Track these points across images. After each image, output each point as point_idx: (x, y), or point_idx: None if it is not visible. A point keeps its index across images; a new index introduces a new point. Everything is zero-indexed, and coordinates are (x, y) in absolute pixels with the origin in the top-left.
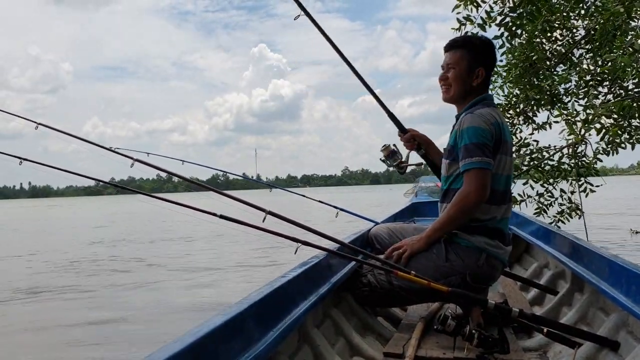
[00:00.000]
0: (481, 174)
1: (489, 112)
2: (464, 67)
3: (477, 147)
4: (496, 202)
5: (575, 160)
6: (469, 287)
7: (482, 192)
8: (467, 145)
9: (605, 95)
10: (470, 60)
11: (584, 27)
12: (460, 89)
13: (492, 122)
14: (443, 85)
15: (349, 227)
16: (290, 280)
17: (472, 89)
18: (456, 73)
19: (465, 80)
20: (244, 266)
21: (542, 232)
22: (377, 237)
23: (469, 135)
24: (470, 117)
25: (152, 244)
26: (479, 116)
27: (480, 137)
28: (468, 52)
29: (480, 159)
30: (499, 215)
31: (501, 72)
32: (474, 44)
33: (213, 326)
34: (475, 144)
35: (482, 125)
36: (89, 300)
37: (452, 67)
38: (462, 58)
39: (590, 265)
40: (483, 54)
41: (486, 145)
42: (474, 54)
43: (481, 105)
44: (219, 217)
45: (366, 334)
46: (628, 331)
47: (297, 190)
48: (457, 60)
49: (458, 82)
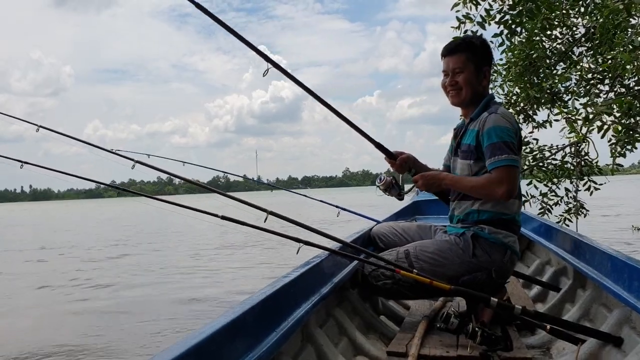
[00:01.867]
0: (512, 172)
1: (508, 114)
2: (472, 69)
3: (506, 145)
4: (518, 197)
5: (578, 159)
6: (494, 283)
7: (512, 189)
8: (496, 143)
9: (607, 94)
10: (476, 61)
11: (584, 25)
12: (471, 91)
13: (513, 121)
14: (452, 90)
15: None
16: (292, 280)
17: (482, 90)
18: (466, 76)
19: (475, 82)
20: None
21: (544, 229)
22: (379, 235)
23: (496, 134)
24: (494, 117)
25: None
26: (502, 116)
27: (507, 135)
28: (473, 54)
29: (510, 156)
30: (519, 210)
31: (501, 71)
32: (476, 45)
33: (217, 327)
34: (504, 142)
35: (507, 124)
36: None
37: (459, 70)
38: (468, 60)
39: (592, 262)
40: (485, 54)
41: (513, 144)
42: (479, 55)
43: (494, 105)
44: (221, 218)
45: (369, 333)
46: (631, 327)
47: (298, 190)
48: (464, 64)
49: (469, 85)
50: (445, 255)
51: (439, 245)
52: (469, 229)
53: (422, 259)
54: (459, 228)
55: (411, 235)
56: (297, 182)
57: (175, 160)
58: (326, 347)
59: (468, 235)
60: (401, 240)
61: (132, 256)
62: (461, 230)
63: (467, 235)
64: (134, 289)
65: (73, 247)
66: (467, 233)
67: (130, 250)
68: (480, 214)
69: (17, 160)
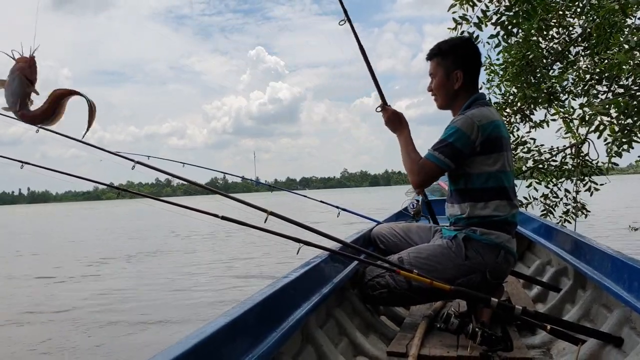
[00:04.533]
0: (429, 166)
1: (482, 113)
2: (441, 74)
3: (443, 143)
4: (509, 198)
5: (579, 160)
6: (489, 284)
7: (421, 181)
8: (444, 139)
9: (605, 94)
10: (444, 66)
11: (580, 25)
12: (444, 95)
13: (480, 123)
14: (432, 96)
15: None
16: (292, 280)
17: (457, 92)
18: (437, 81)
19: (446, 87)
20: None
21: (544, 229)
22: (379, 236)
23: (446, 132)
24: (463, 118)
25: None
26: (467, 117)
27: (452, 137)
28: (441, 58)
29: (444, 157)
30: (514, 210)
31: (498, 71)
32: (443, 49)
33: (217, 327)
34: (443, 140)
35: (462, 126)
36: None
37: (432, 76)
38: (438, 65)
39: (592, 262)
40: (455, 57)
41: (453, 146)
42: (447, 59)
43: (474, 106)
44: (221, 218)
45: (369, 334)
46: (631, 327)
47: (298, 191)
48: (435, 69)
49: (440, 89)
50: (439, 260)
51: (432, 250)
52: (460, 231)
53: (416, 265)
54: (452, 231)
55: (411, 237)
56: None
57: (175, 162)
58: (326, 348)
59: (460, 237)
60: (401, 242)
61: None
62: (453, 233)
63: (459, 237)
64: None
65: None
66: (459, 236)
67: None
68: (471, 217)
69: (18, 161)
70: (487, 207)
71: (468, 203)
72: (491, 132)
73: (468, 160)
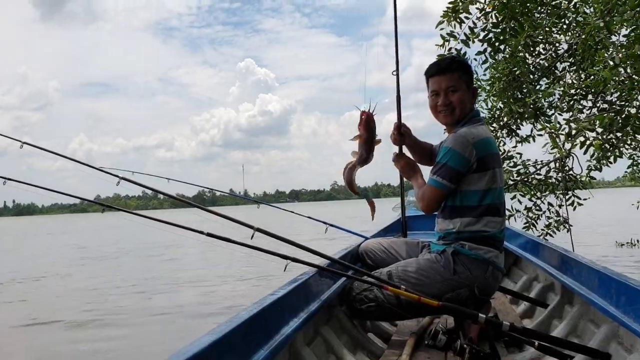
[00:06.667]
0: (434, 192)
1: (474, 132)
2: (464, 88)
3: (444, 167)
4: (499, 214)
5: (563, 174)
6: (477, 299)
7: (428, 207)
8: (439, 162)
9: (590, 109)
10: (467, 80)
11: (567, 41)
12: (463, 110)
13: (475, 141)
14: (445, 110)
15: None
16: (279, 297)
17: (470, 107)
18: (460, 96)
19: (467, 102)
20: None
21: (531, 245)
22: (367, 252)
23: (445, 154)
24: (452, 137)
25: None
26: (461, 136)
27: (451, 159)
28: (464, 72)
29: (442, 179)
30: (502, 226)
31: (485, 86)
32: (465, 64)
33: (202, 345)
34: (444, 164)
35: (458, 148)
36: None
37: (453, 89)
38: (461, 79)
39: (579, 277)
40: (471, 72)
41: (455, 171)
42: (467, 74)
43: (470, 123)
44: (207, 235)
45: (357, 351)
46: (619, 342)
47: (285, 206)
48: (457, 82)
49: (462, 104)
50: (428, 274)
51: (421, 264)
52: (449, 245)
53: (404, 279)
54: (441, 245)
55: (399, 252)
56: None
57: (159, 177)
58: None
59: (449, 252)
60: (389, 257)
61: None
62: (442, 247)
63: (448, 252)
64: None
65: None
66: (448, 250)
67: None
68: (460, 232)
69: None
70: (478, 222)
71: (460, 218)
72: (485, 150)
73: (465, 178)
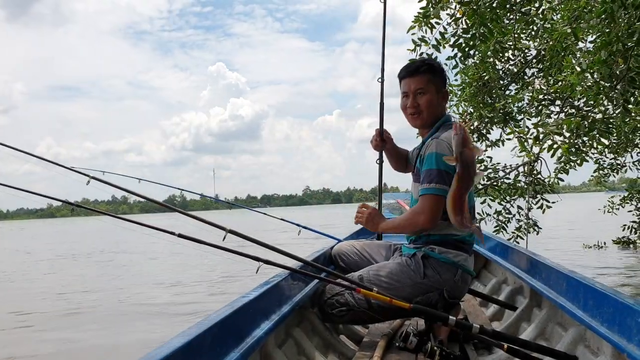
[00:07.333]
0: (437, 201)
1: (449, 136)
2: (433, 91)
3: (439, 173)
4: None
5: (531, 178)
6: (446, 303)
7: (433, 218)
8: (429, 170)
9: (557, 114)
10: (437, 83)
11: (535, 47)
12: (432, 113)
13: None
14: (413, 113)
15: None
16: (251, 300)
17: (441, 111)
18: (428, 98)
19: (436, 105)
20: None
21: (500, 248)
22: (340, 254)
23: (432, 161)
24: (435, 143)
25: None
26: (443, 141)
27: (442, 164)
28: (434, 75)
29: (439, 185)
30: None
31: (456, 91)
32: (435, 66)
33: (172, 349)
34: (438, 170)
35: (446, 152)
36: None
37: (421, 92)
38: (430, 82)
39: (548, 281)
40: (443, 76)
41: (448, 174)
42: (438, 77)
43: (444, 128)
44: (178, 236)
45: (328, 353)
46: (585, 345)
47: (258, 208)
48: (426, 85)
49: (430, 107)
50: (398, 278)
51: (391, 267)
52: (420, 249)
53: (376, 283)
54: (411, 248)
55: (371, 254)
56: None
57: (131, 177)
58: None
59: (419, 256)
60: (362, 259)
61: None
62: (413, 250)
63: (418, 256)
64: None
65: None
66: (418, 254)
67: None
68: (430, 236)
69: None
70: (449, 226)
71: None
72: None
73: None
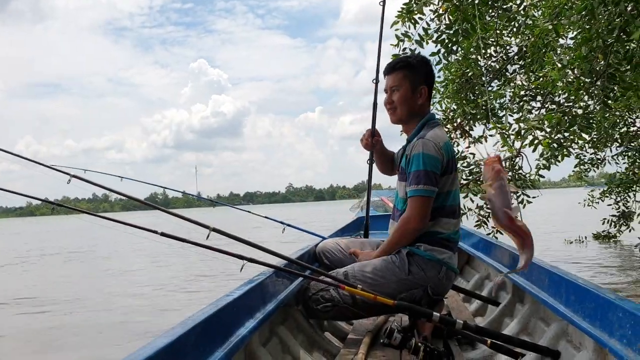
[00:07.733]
0: (425, 202)
1: (438, 135)
2: (407, 87)
3: (427, 174)
4: (454, 216)
5: (513, 173)
6: (430, 299)
7: (423, 219)
8: (417, 171)
9: (539, 110)
10: (412, 80)
11: (517, 44)
12: (406, 109)
13: (442, 145)
14: (390, 109)
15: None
16: (235, 298)
17: (418, 108)
18: (401, 94)
19: (410, 101)
20: None
21: (483, 244)
22: (325, 252)
23: (419, 162)
24: (421, 143)
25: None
26: (430, 141)
27: (429, 164)
28: (409, 72)
29: (427, 187)
30: (456, 228)
31: (439, 88)
32: (412, 63)
33: (155, 349)
34: (425, 172)
35: (432, 152)
36: None
37: (396, 88)
38: (405, 78)
39: (530, 276)
40: (423, 73)
41: (435, 174)
42: (415, 73)
43: (428, 127)
44: (160, 235)
45: (313, 350)
46: (568, 340)
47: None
48: (400, 82)
49: (404, 103)
50: (383, 274)
51: (376, 264)
52: (405, 246)
53: (360, 279)
54: None
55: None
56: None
57: (112, 175)
58: None
59: (404, 253)
60: (346, 257)
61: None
62: None
63: (403, 253)
64: None
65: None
66: (403, 251)
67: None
68: None
69: None
70: (435, 224)
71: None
72: (449, 153)
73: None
